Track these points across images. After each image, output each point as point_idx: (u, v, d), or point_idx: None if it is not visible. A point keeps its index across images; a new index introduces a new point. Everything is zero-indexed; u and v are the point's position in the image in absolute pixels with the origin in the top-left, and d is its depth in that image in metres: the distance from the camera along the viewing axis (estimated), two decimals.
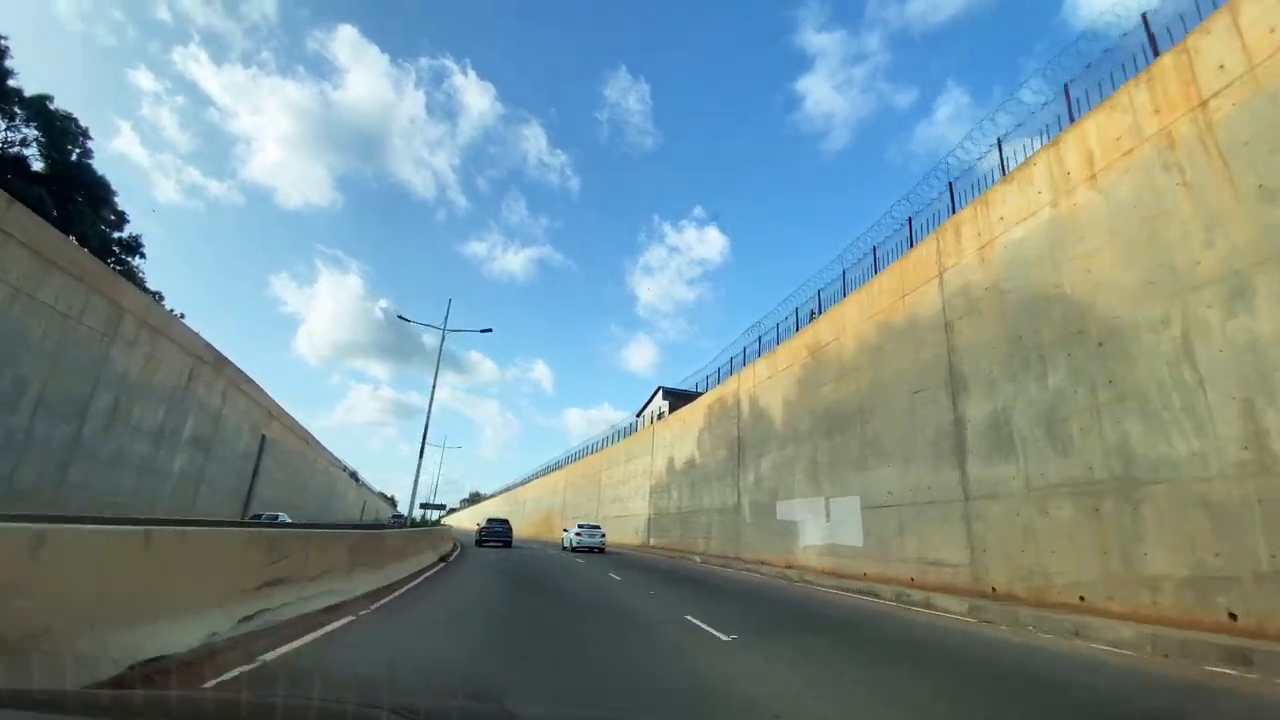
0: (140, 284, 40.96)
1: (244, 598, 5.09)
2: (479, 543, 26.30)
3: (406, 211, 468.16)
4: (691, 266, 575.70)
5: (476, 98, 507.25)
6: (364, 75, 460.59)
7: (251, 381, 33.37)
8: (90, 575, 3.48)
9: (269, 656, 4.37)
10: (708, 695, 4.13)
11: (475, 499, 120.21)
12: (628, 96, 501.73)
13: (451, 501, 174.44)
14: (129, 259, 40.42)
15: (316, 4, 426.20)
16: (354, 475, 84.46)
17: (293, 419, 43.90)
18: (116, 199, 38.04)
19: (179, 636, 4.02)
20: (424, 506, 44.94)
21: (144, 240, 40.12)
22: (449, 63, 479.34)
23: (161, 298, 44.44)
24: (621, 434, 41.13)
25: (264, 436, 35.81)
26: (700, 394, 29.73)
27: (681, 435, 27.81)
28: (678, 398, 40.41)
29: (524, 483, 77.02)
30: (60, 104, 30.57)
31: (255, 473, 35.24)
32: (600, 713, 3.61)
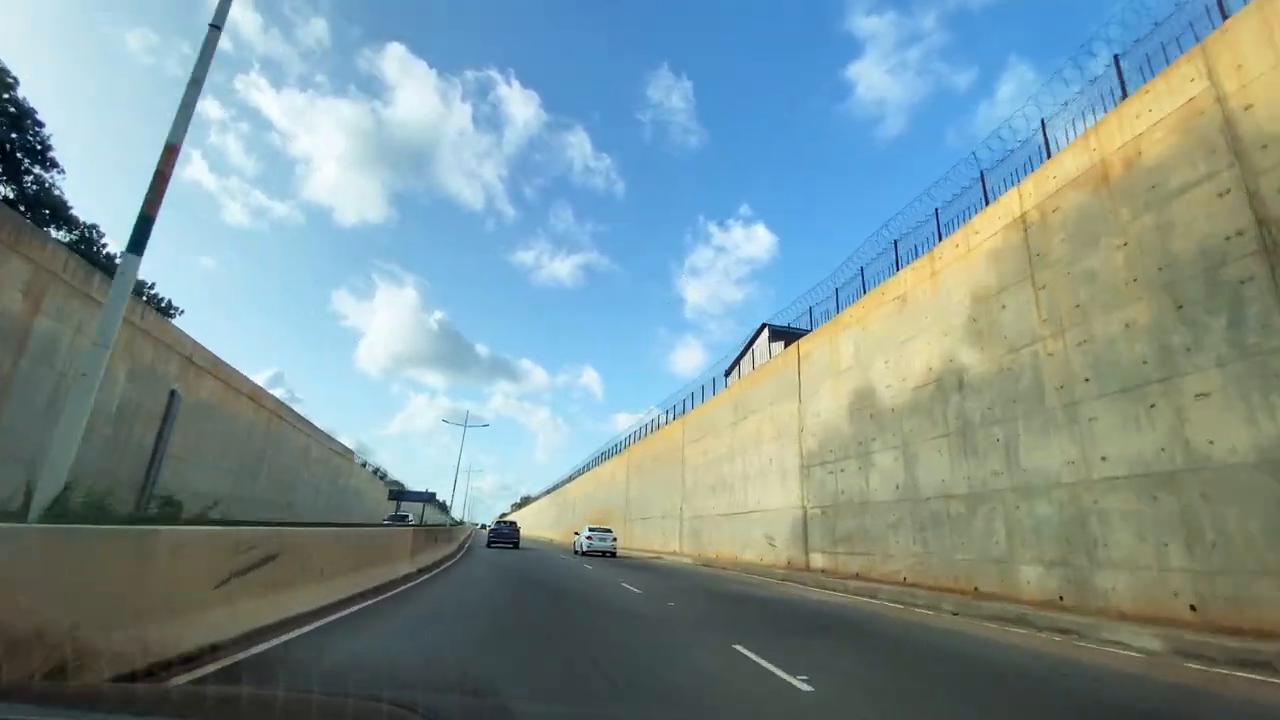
0: (61, 208, 29.81)
1: None
2: (488, 544, 28.36)
3: (457, 224, 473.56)
4: (739, 266, 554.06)
5: (521, 106, 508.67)
6: (413, 91, 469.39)
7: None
8: None
9: None
10: None
11: (525, 502, 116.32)
12: (670, 95, 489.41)
13: (503, 507, 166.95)
14: (38, 170, 29.24)
15: (366, 24, 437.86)
16: (379, 473, 73.38)
17: (252, 383, 31.42)
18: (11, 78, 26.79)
19: None
20: (395, 495, 31.74)
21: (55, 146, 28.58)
22: (494, 73, 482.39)
23: (100, 234, 33.68)
24: (715, 384, 26.54)
25: (173, 393, 23.51)
26: (804, 332, 16.11)
27: (892, 336, 12.97)
28: (792, 337, 25.86)
29: (571, 478, 63.57)
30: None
31: (160, 446, 23.00)
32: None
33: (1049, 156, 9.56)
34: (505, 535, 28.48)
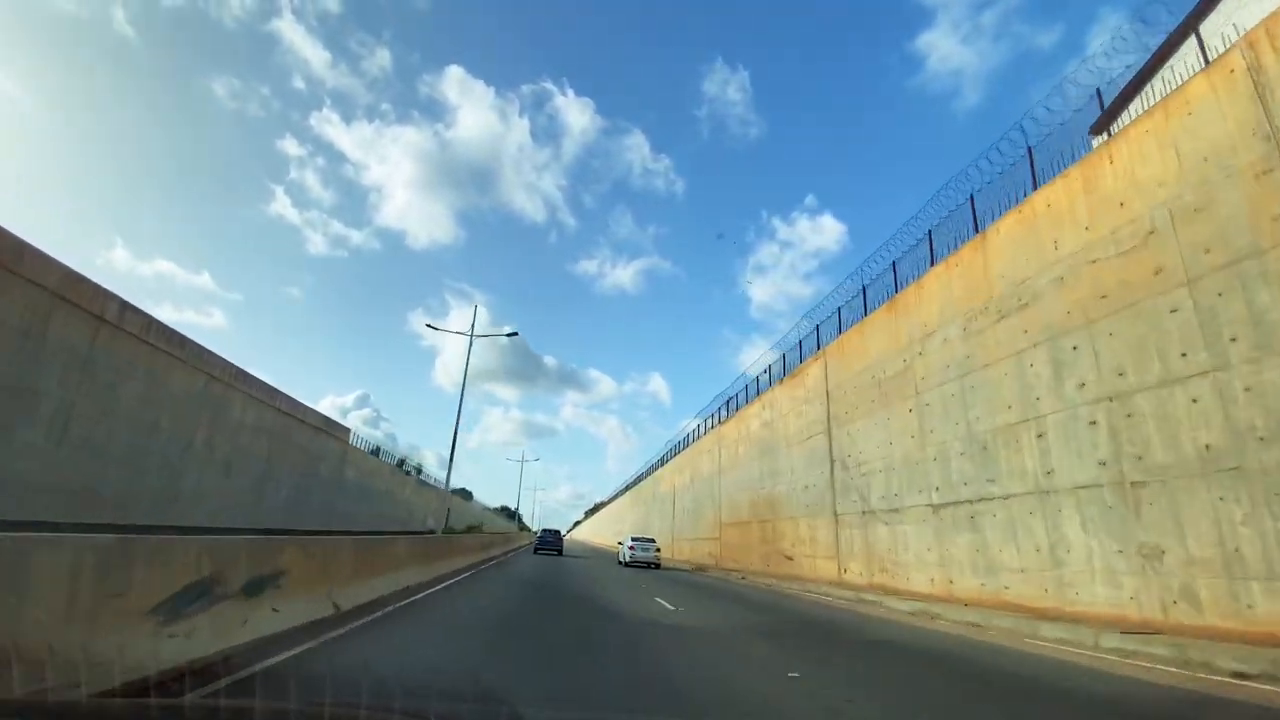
0: None
1: None
2: (535, 550, 30.41)
3: (520, 238, 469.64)
4: (806, 260, 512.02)
5: (577, 115, 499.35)
6: (472, 111, 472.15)
7: None
8: None
9: None
10: None
11: (596, 509, 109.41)
12: (727, 88, 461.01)
13: (576, 515, 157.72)
14: None
15: (425, 48, 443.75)
16: (407, 469, 56.03)
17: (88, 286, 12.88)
18: None
19: None
20: None
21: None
22: (548, 85, 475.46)
23: None
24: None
25: None
26: None
27: None
28: None
29: (665, 460, 42.87)
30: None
31: None
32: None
33: None
34: (550, 543, 30.96)
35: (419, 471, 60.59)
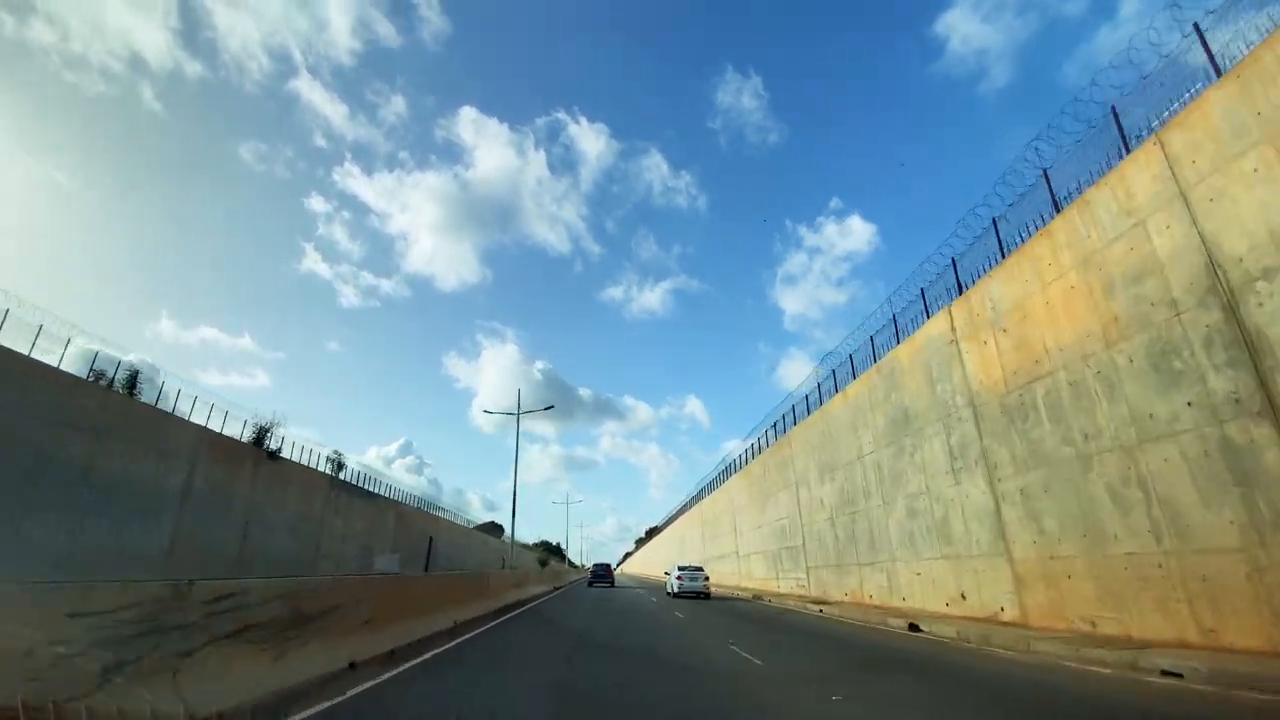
0: None
1: None
2: (590, 584, 34.25)
3: (546, 271, 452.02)
4: (837, 265, 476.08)
5: (592, 142, 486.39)
6: (489, 149, 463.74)
7: None
8: None
9: None
10: None
11: (651, 534, 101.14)
12: (740, 96, 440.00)
13: (625, 547, 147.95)
14: None
15: (439, 92, 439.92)
16: (272, 450, 27.98)
17: None
18: None
19: None
20: None
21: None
22: (560, 115, 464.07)
23: None
24: None
25: None
26: None
27: None
28: None
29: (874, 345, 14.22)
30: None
31: None
32: None
33: None
34: (601, 576, 35.29)
35: (339, 468, 33.07)
